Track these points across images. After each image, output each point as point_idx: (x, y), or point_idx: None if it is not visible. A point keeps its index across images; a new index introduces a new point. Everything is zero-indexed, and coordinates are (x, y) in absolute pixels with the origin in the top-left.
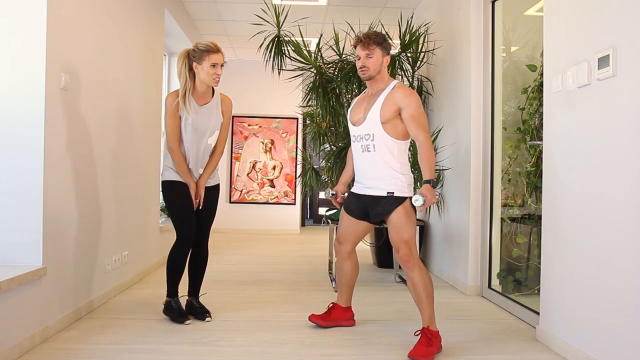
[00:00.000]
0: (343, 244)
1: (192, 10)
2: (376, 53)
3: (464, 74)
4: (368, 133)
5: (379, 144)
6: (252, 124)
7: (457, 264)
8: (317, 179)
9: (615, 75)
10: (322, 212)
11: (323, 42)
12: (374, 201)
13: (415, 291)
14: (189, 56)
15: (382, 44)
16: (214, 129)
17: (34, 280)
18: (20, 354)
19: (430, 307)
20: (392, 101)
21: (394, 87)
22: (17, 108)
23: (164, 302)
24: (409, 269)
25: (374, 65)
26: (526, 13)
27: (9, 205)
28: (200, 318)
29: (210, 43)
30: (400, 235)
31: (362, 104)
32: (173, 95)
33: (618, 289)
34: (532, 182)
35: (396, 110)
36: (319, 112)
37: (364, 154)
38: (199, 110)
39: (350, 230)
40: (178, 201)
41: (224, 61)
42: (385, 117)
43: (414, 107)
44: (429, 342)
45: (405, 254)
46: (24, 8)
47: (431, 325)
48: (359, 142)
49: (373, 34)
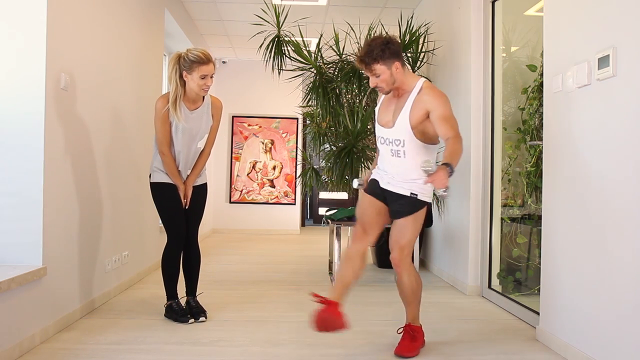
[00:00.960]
0: (369, 232)
1: (192, 10)
2: (380, 70)
3: (464, 74)
4: (398, 139)
5: (410, 151)
6: (252, 124)
7: (457, 264)
8: (317, 179)
9: (615, 76)
10: (322, 212)
11: (323, 42)
12: (395, 197)
13: (402, 291)
14: (180, 63)
15: (383, 56)
16: (204, 133)
17: (34, 280)
18: (20, 354)
19: (416, 307)
20: (421, 105)
21: (421, 88)
22: (17, 108)
23: (165, 305)
24: (398, 272)
25: (385, 82)
26: (526, 13)
27: (9, 205)
28: (195, 318)
29: (201, 53)
30: (398, 237)
31: (389, 105)
32: (163, 99)
33: (618, 289)
34: (532, 182)
35: (425, 113)
36: (319, 112)
37: (394, 159)
38: (189, 116)
39: (374, 215)
40: (168, 203)
41: (214, 72)
42: (414, 122)
43: (443, 108)
44: (413, 337)
45: (396, 257)
46: (24, 8)
47: (414, 322)
48: (389, 145)
49: (369, 51)
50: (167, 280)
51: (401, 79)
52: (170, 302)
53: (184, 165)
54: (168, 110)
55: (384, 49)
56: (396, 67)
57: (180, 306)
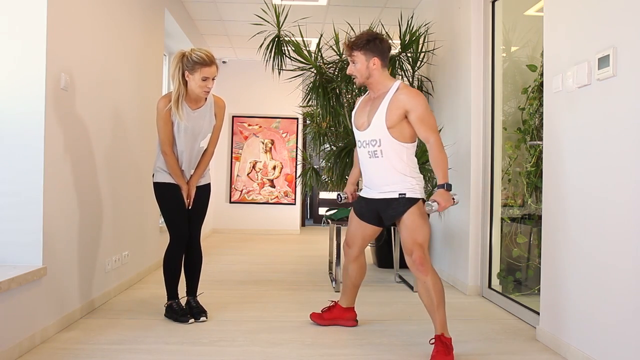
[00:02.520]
0: (352, 247)
1: (192, 10)
2: (359, 58)
3: (464, 74)
4: (374, 139)
5: (387, 149)
6: (252, 124)
7: (457, 264)
8: (317, 179)
9: (615, 76)
10: (322, 212)
11: (323, 42)
12: (385, 204)
13: (428, 297)
14: (183, 62)
15: (365, 46)
16: (206, 132)
17: (34, 280)
18: (20, 354)
19: (443, 313)
20: (398, 104)
21: (397, 88)
22: (17, 108)
23: (166, 305)
24: (423, 272)
25: (359, 72)
26: (526, 13)
27: (9, 205)
28: (195, 317)
29: (204, 55)
30: (413, 237)
31: (364, 108)
32: (165, 99)
33: (618, 289)
34: (532, 182)
35: (402, 113)
36: (319, 112)
37: (372, 160)
38: (191, 115)
39: (359, 234)
40: (171, 203)
41: (216, 74)
42: (391, 122)
43: (421, 109)
44: (447, 350)
45: (419, 256)
46: (24, 8)
47: (445, 332)
48: (365, 147)
49: (357, 37)
50: (168, 280)
51: (377, 77)
52: (171, 302)
53: (187, 165)
54: (170, 109)
55: (369, 41)
56: (374, 63)
57: (180, 306)
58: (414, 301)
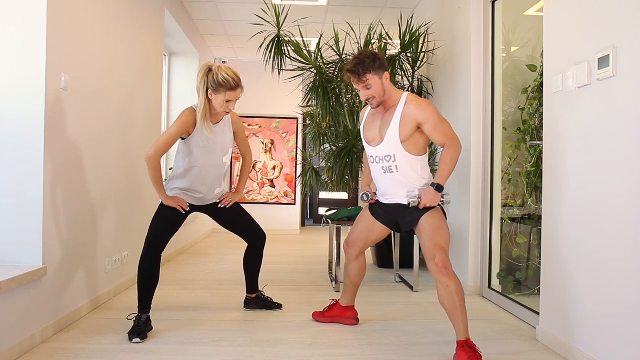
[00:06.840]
0: (352, 248)
1: (192, 10)
2: (373, 81)
3: (464, 74)
4: (389, 154)
5: (402, 164)
6: (252, 124)
7: (457, 264)
8: (317, 179)
9: (615, 76)
10: (322, 212)
11: (323, 42)
12: (403, 210)
13: (451, 301)
14: (208, 79)
15: (374, 66)
16: (227, 147)
17: (34, 280)
18: (20, 354)
19: (466, 317)
20: (409, 118)
21: (406, 101)
22: (17, 108)
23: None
24: (447, 276)
25: (377, 93)
26: (526, 13)
27: (9, 205)
28: (277, 307)
29: (230, 78)
30: (435, 240)
31: (375, 122)
32: (191, 115)
33: (618, 289)
34: (532, 182)
35: (414, 126)
36: (319, 112)
37: (387, 175)
38: (214, 129)
39: (363, 237)
40: (166, 221)
41: (240, 96)
42: (404, 136)
43: (434, 119)
44: (476, 355)
45: (442, 259)
46: (24, 8)
47: (469, 337)
48: (379, 163)
49: (360, 62)
50: (146, 289)
51: (389, 90)
52: (141, 315)
53: (211, 183)
54: (193, 123)
55: (374, 59)
56: (386, 77)
57: (147, 321)
58: (414, 301)
